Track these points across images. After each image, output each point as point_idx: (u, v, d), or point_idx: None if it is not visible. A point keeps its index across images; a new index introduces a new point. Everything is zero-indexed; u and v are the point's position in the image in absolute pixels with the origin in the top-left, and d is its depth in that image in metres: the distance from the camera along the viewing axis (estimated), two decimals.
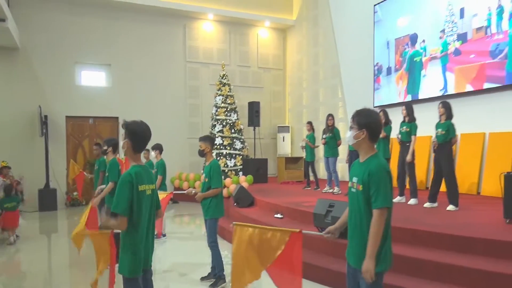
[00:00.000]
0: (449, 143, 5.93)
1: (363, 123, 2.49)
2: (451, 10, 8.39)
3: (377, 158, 2.48)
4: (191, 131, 12.97)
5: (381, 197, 2.33)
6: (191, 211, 9.98)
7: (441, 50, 8.57)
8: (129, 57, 12.13)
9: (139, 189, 2.69)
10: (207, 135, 5.05)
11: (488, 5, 7.56)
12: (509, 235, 4.18)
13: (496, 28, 7.39)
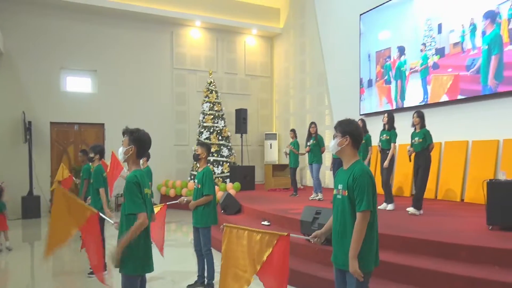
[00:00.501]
0: (427, 150, 6.12)
1: (346, 131, 2.66)
2: (430, 25, 8.66)
3: (360, 164, 2.63)
4: (178, 138, 12.92)
5: (364, 201, 2.47)
6: (177, 218, 9.90)
7: (421, 63, 8.81)
8: (116, 63, 12.06)
9: (145, 192, 2.83)
10: (205, 141, 5.10)
11: (462, 22, 7.89)
12: (492, 242, 4.25)
13: (471, 44, 7.72)
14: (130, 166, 2.96)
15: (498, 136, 7.21)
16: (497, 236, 4.56)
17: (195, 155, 4.79)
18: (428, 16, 8.68)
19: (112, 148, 11.07)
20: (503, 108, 7.18)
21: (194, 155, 4.82)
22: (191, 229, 8.52)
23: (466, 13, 7.83)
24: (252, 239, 2.91)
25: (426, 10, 8.76)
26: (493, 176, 6.89)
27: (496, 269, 3.82)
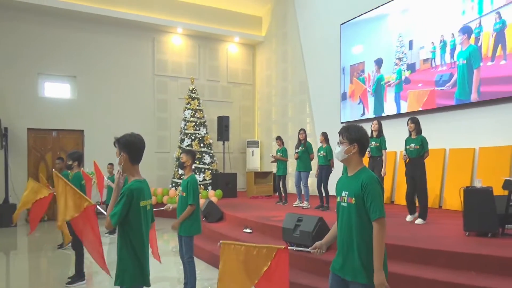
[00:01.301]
0: (422, 157, 6.08)
1: (354, 138, 2.55)
2: (401, 41, 8.94)
3: (367, 171, 2.54)
4: (159, 145, 12.81)
5: (378, 208, 2.39)
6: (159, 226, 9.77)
7: (396, 78, 9.07)
8: (96, 69, 11.91)
9: (140, 204, 2.71)
10: (190, 149, 5.07)
11: (432, 39, 8.18)
12: (469, 247, 4.35)
13: (440, 60, 8.00)
14: (129, 176, 2.80)
15: (474, 144, 7.41)
16: (473, 242, 4.67)
17: (180, 163, 4.75)
18: (400, 32, 8.97)
19: (91, 155, 10.95)
20: (478, 117, 7.39)
21: (179, 163, 4.78)
22: (172, 237, 8.47)
23: (436, 30, 8.13)
24: (250, 254, 2.83)
25: (398, 26, 9.06)
26: (470, 183, 7.05)
27: (473, 274, 3.91)
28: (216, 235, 7.10)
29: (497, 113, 7.10)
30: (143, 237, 2.75)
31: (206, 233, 7.25)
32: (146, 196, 2.78)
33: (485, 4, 7.23)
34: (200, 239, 6.96)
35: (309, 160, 8.40)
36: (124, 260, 2.70)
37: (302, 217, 5.37)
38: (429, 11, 8.36)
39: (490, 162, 7.04)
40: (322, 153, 8.02)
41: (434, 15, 8.25)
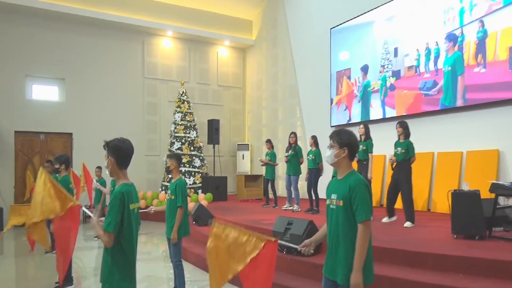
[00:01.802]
0: (408, 161, 6.14)
1: (344, 143, 2.59)
2: (386, 48, 9.12)
3: (356, 174, 2.60)
4: (149, 148, 12.74)
5: (363, 210, 2.43)
6: (148, 230, 9.72)
7: (381, 84, 9.22)
8: (85, 71, 11.82)
9: (130, 208, 2.70)
10: (174, 152, 5.05)
11: (417, 47, 8.35)
12: (457, 250, 4.40)
13: (424, 68, 8.18)
14: (117, 180, 2.81)
15: (461, 148, 7.51)
16: (461, 244, 4.72)
17: (166, 168, 4.77)
18: (386, 40, 9.13)
19: (80, 158, 10.84)
20: (465, 122, 7.50)
21: (166, 168, 4.80)
22: (161, 241, 8.41)
23: (421, 38, 8.31)
24: (239, 238, 2.80)
25: (383, 33, 9.22)
26: (458, 186, 7.14)
27: (460, 276, 3.95)
28: (206, 238, 7.06)
29: (483, 118, 7.21)
30: (133, 240, 2.74)
31: (196, 237, 7.22)
32: (134, 199, 2.79)
33: (466, 14, 7.43)
34: (190, 242, 6.94)
35: (298, 163, 8.43)
36: (113, 263, 2.68)
37: (292, 221, 5.39)
38: (414, 19, 8.53)
39: (477, 165, 7.14)
40: (311, 156, 8.06)
41: (418, 24, 8.42)
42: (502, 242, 4.77)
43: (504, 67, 6.80)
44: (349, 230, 2.47)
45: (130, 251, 2.73)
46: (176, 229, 4.53)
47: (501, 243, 4.71)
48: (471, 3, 7.31)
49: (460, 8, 7.55)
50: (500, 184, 4.92)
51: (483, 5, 7.11)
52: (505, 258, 3.92)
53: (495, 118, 7.02)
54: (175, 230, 4.53)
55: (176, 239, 4.54)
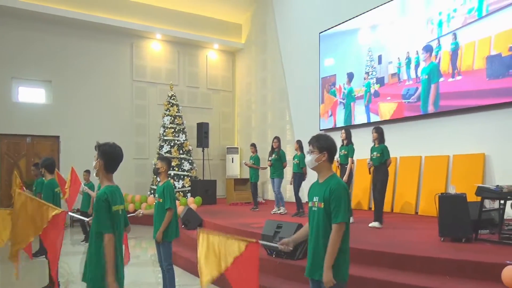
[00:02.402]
0: (384, 164, 6.32)
1: (323, 147, 2.72)
2: (371, 56, 9.29)
3: (336, 177, 2.71)
4: (137, 152, 12.65)
5: (340, 213, 2.55)
6: (136, 233, 9.63)
7: (365, 91, 9.41)
8: (72, 74, 11.70)
9: (113, 209, 2.75)
10: (165, 156, 5.03)
11: (399, 55, 8.58)
12: (444, 253, 4.45)
13: (406, 75, 8.42)
14: (101, 181, 2.90)
15: (448, 152, 7.61)
16: (448, 247, 4.78)
17: (155, 169, 4.73)
18: (370, 47, 9.32)
19: (67, 162, 10.72)
20: (451, 126, 7.62)
21: (154, 169, 4.76)
22: (150, 245, 8.34)
23: (402, 47, 8.54)
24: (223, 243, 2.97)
25: (368, 41, 9.42)
26: (444, 189, 7.23)
27: (447, 278, 4.00)
28: (195, 242, 7.03)
29: (469, 122, 7.33)
30: (117, 242, 2.76)
31: (185, 240, 7.18)
32: (118, 201, 2.84)
33: (444, 26, 7.72)
34: (179, 246, 6.90)
35: (282, 167, 8.59)
36: (99, 266, 2.67)
37: (281, 224, 5.39)
38: (396, 28, 8.75)
39: (463, 169, 7.24)
40: (296, 160, 8.18)
41: (400, 32, 8.64)
42: (488, 244, 4.84)
43: (481, 76, 7.05)
44: (329, 231, 2.58)
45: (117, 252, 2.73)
46: (163, 229, 4.51)
47: (487, 246, 4.78)
48: (449, 16, 7.61)
49: (438, 20, 7.81)
50: (485, 187, 5.00)
51: (459, 18, 7.43)
52: (491, 260, 3.98)
53: (481, 123, 7.15)
54: (161, 230, 4.51)
55: (161, 238, 4.51)
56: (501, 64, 6.75)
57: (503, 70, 6.72)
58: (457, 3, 7.46)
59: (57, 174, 6.01)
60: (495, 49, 6.87)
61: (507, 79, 6.67)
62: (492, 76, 6.88)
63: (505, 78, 6.69)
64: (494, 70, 6.86)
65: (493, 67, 6.87)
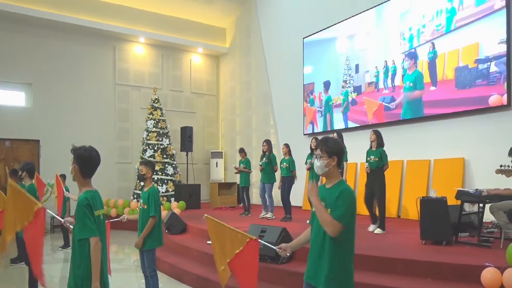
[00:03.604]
0: (381, 169, 6.24)
1: (333, 151, 2.57)
2: (348, 64, 9.50)
3: (345, 184, 2.58)
4: (120, 156, 12.50)
5: (343, 213, 2.40)
6: (119, 239, 9.50)
7: (343, 99, 9.62)
8: (53, 76, 11.50)
9: (96, 214, 2.71)
10: (149, 160, 4.95)
11: (376, 64, 8.82)
12: (425, 255, 4.53)
13: (383, 84, 8.65)
14: (79, 187, 2.82)
15: (429, 156, 7.75)
16: (429, 250, 4.86)
17: (140, 175, 4.62)
18: (347, 56, 9.54)
19: (47, 166, 10.53)
20: (432, 130, 7.77)
21: (139, 175, 4.64)
22: (133, 251, 8.24)
23: (380, 56, 8.77)
24: (227, 234, 3.10)
25: (345, 50, 9.65)
26: (426, 193, 7.35)
27: (428, 281, 4.07)
28: (179, 247, 7.00)
29: (449, 128, 7.49)
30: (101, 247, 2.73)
31: (169, 246, 7.12)
32: (99, 206, 2.80)
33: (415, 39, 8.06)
34: (162, 252, 6.83)
35: (272, 171, 8.44)
36: (83, 273, 2.63)
37: (265, 228, 5.40)
38: (372, 38, 9.01)
39: (444, 173, 7.39)
40: (285, 164, 8.10)
41: (376, 42, 8.91)
42: (467, 247, 4.95)
43: (451, 86, 7.37)
44: (335, 239, 2.44)
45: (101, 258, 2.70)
46: (143, 236, 4.42)
47: (467, 248, 4.88)
48: (419, 30, 7.96)
49: (410, 34, 8.15)
50: (465, 191, 5.11)
51: (428, 32, 7.79)
52: (471, 262, 4.07)
53: (461, 129, 7.32)
54: (141, 237, 4.43)
55: (140, 245, 4.45)
56: (468, 75, 7.11)
57: (470, 81, 7.08)
58: (426, 19, 7.85)
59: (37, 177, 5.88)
60: (462, 61, 7.23)
61: (473, 89, 7.04)
62: (460, 86, 7.23)
63: (472, 88, 7.06)
64: (462, 80, 7.21)
65: (461, 77, 7.23)
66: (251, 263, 2.92)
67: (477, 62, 6.99)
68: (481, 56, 6.94)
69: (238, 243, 2.98)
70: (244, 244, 2.92)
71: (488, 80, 6.85)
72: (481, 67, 6.93)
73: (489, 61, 6.83)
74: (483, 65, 6.90)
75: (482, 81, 6.92)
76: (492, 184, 5.49)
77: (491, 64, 6.79)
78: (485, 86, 6.88)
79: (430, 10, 7.78)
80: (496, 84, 6.75)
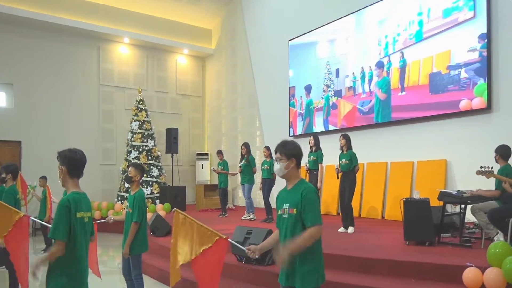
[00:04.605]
0: (352, 171, 6.42)
1: (291, 154, 2.67)
2: (329, 69, 9.66)
3: (305, 182, 2.68)
4: (104, 157, 12.35)
5: (315, 215, 2.52)
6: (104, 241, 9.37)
7: (324, 104, 9.79)
8: (35, 77, 11.29)
9: (77, 215, 2.68)
10: (139, 163, 4.86)
11: (353, 70, 9.06)
12: (409, 256, 4.59)
13: (361, 89, 8.88)
14: (67, 189, 2.82)
15: (412, 158, 7.86)
16: (413, 250, 4.92)
17: (128, 177, 4.53)
18: (328, 60, 9.72)
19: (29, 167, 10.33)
20: (416, 133, 7.88)
21: (127, 177, 4.55)
22: (117, 253, 8.14)
23: (358, 62, 9.01)
24: (196, 229, 3.02)
25: (326, 54, 9.83)
26: (409, 195, 7.46)
27: (412, 281, 4.12)
28: (164, 250, 6.92)
29: (432, 130, 7.61)
30: (81, 250, 2.69)
31: (154, 248, 7.04)
32: (84, 208, 2.76)
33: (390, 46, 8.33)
34: (148, 255, 6.74)
35: (252, 173, 8.59)
36: (61, 275, 2.61)
37: (251, 230, 5.40)
38: (352, 43, 9.21)
39: (427, 175, 7.50)
40: (266, 166, 8.23)
41: (355, 48, 9.11)
42: (449, 247, 5.03)
43: (425, 91, 7.65)
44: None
45: (79, 261, 2.67)
46: (129, 243, 4.35)
47: (449, 248, 4.96)
48: (394, 38, 8.26)
49: (386, 42, 8.43)
50: (447, 192, 5.19)
51: (402, 40, 8.13)
52: (453, 262, 4.13)
53: (443, 131, 7.44)
54: (127, 244, 4.36)
55: (128, 254, 4.37)
56: (441, 80, 7.40)
57: (443, 86, 7.36)
58: (400, 28, 8.17)
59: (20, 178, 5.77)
60: (436, 67, 7.51)
61: (445, 94, 7.33)
62: (434, 91, 7.51)
63: (444, 93, 7.34)
64: (435, 86, 7.50)
65: (435, 83, 7.51)
66: (216, 263, 2.87)
67: (449, 68, 7.30)
68: (453, 63, 7.25)
69: (206, 240, 2.93)
70: (213, 242, 2.89)
71: (459, 85, 7.17)
72: (453, 73, 7.25)
73: (460, 68, 7.15)
74: (455, 71, 7.22)
75: (454, 87, 7.24)
76: (474, 185, 5.59)
77: (462, 71, 7.12)
78: (456, 91, 7.20)
79: (403, 20, 8.11)
80: (466, 90, 7.07)
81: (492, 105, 6.76)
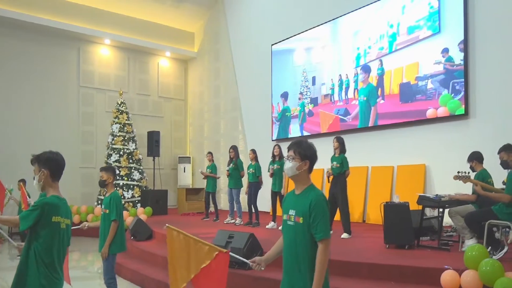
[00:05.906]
0: (343, 175, 6.39)
1: (306, 155, 2.45)
2: (305, 76, 9.86)
3: (316, 189, 2.45)
4: (84, 160, 12.14)
5: (324, 228, 2.31)
6: (82, 246, 9.20)
7: (300, 110, 9.98)
8: (12, 78, 11.03)
9: (52, 219, 2.60)
10: (109, 165, 4.83)
11: (331, 77, 9.28)
12: (389, 259, 4.66)
13: (338, 96, 9.11)
14: (48, 193, 2.73)
15: (392, 163, 8.00)
16: (392, 253, 5.00)
17: (101, 181, 4.53)
18: (304, 68, 9.91)
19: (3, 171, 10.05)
20: (395, 137, 8.03)
21: (100, 182, 4.55)
22: (96, 258, 8.00)
23: (335, 70, 9.23)
24: (192, 246, 2.83)
25: (302, 62, 10.04)
26: (389, 198, 7.57)
27: (392, 284, 4.18)
28: (144, 254, 6.86)
29: (411, 135, 7.77)
30: (53, 255, 2.61)
31: (134, 252, 6.97)
32: (61, 214, 2.67)
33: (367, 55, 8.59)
34: (126, 258, 6.68)
35: (239, 177, 8.51)
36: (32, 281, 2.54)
37: (233, 234, 5.39)
38: (328, 52, 9.42)
39: (406, 179, 7.64)
40: (251, 170, 8.17)
41: (332, 57, 9.32)
42: (428, 250, 5.12)
43: (396, 100, 7.96)
44: (309, 248, 2.34)
45: (52, 267, 2.60)
46: (108, 243, 4.32)
47: (428, 252, 5.06)
48: (365, 51, 8.58)
49: (358, 53, 8.73)
50: (426, 196, 5.29)
51: (374, 53, 8.45)
52: (431, 265, 4.22)
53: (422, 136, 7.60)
54: (106, 244, 4.33)
55: (107, 254, 4.33)
56: (410, 90, 7.75)
57: (411, 96, 7.71)
58: (371, 41, 8.53)
59: None
60: (405, 77, 7.84)
61: (414, 103, 7.67)
62: (404, 100, 7.84)
63: (413, 103, 7.68)
64: (405, 95, 7.83)
65: (404, 92, 7.85)
66: (219, 279, 2.67)
67: (417, 79, 7.64)
68: (421, 74, 7.58)
69: (204, 256, 2.74)
70: (213, 257, 2.70)
71: (426, 95, 7.50)
72: (421, 84, 7.59)
73: (426, 79, 7.49)
74: (422, 82, 7.56)
75: (421, 96, 7.57)
76: (452, 189, 5.73)
77: (428, 82, 7.46)
78: (424, 101, 7.53)
79: (374, 34, 8.43)
80: (432, 99, 7.40)
81: (469, 111, 6.94)
